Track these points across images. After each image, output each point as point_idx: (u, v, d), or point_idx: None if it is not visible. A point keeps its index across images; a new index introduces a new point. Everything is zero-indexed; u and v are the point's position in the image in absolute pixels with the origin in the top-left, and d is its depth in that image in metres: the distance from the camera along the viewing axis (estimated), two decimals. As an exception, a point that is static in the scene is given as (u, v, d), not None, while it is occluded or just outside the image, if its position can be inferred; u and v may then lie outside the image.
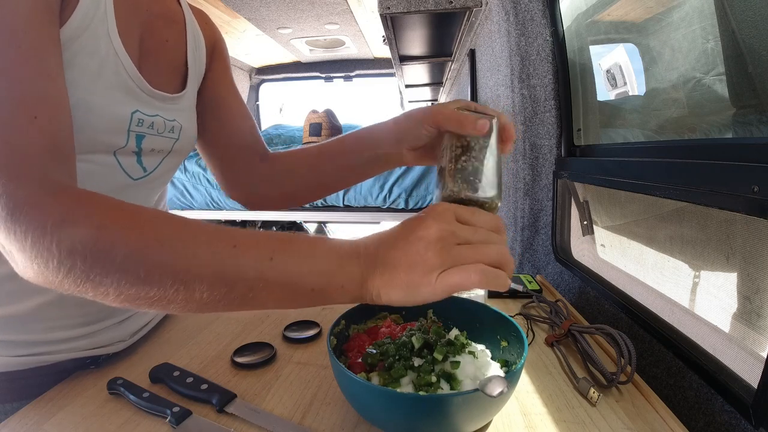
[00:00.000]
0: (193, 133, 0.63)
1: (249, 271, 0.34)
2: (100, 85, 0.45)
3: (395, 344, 0.47)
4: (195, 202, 2.79)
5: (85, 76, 0.44)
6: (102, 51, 0.45)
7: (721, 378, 0.48)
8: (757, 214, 0.42)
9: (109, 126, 0.47)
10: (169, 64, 0.58)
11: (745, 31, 0.57)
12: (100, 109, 0.45)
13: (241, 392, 0.50)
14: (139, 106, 0.50)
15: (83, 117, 0.43)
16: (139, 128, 0.51)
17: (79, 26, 0.43)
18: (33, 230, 0.32)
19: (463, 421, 0.40)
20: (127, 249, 0.32)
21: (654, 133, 0.83)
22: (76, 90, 0.42)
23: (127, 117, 0.49)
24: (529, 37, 1.05)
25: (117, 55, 0.47)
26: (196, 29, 0.63)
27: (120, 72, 0.47)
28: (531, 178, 1.10)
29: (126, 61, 0.48)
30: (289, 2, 2.36)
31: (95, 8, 0.44)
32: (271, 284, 0.35)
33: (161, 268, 0.33)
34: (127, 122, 0.49)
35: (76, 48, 0.43)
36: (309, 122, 3.31)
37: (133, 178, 0.53)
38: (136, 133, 0.51)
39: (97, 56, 0.45)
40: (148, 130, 0.52)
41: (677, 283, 0.69)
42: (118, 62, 0.47)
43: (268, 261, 0.35)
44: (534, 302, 0.76)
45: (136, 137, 0.51)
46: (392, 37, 1.67)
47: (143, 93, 0.51)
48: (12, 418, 0.46)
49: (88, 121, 0.44)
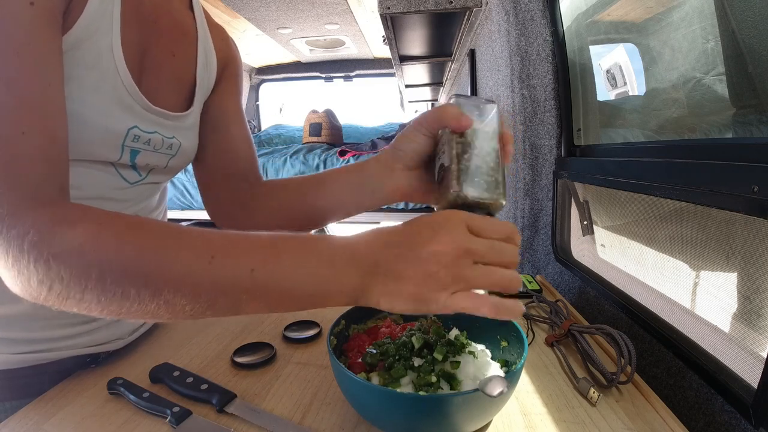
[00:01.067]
0: (193, 150, 0.61)
1: (228, 286, 0.33)
2: (97, 99, 0.44)
3: (395, 344, 0.47)
4: (195, 202, 2.79)
5: (82, 89, 0.43)
6: (102, 65, 0.44)
7: (721, 378, 0.48)
8: (757, 214, 0.42)
9: (102, 140, 0.46)
10: (174, 79, 0.56)
11: (745, 31, 0.57)
12: (94, 123, 0.44)
13: (241, 392, 0.50)
14: (137, 122, 0.49)
15: (77, 129, 0.42)
16: (134, 144, 0.50)
17: (82, 36, 0.42)
18: (12, 248, 0.32)
19: (463, 421, 0.40)
20: (101, 269, 0.32)
21: (654, 133, 0.83)
22: (71, 102, 0.41)
23: (122, 132, 0.48)
24: (529, 37, 1.05)
25: (117, 70, 0.45)
26: (208, 45, 0.61)
27: (118, 87, 0.46)
28: (531, 178, 1.10)
29: (126, 77, 0.46)
30: (289, 2, 2.36)
31: (100, 18, 0.43)
32: (257, 296, 0.34)
33: (137, 286, 0.32)
34: (121, 137, 0.48)
35: (77, 58, 0.42)
36: (309, 122, 3.31)
37: (129, 182, 0.53)
38: (130, 148, 0.49)
39: (97, 70, 0.44)
40: (143, 146, 0.51)
41: (677, 283, 0.69)
42: (117, 78, 0.46)
43: (249, 273, 0.33)
44: (534, 302, 0.76)
45: (131, 152, 0.50)
46: (392, 37, 1.67)
47: (142, 109, 0.49)
48: (12, 418, 0.46)
49: (82, 134, 0.43)
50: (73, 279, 0.31)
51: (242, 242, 0.35)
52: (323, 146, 2.98)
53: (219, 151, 0.64)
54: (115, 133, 0.47)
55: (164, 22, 0.53)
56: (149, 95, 0.50)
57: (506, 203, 0.40)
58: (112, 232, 0.33)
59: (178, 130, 0.56)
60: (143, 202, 0.58)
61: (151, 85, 0.51)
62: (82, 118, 0.43)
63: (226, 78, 0.65)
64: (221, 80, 0.65)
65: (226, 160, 0.64)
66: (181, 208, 2.83)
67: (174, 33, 0.55)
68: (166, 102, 0.53)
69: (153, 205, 0.61)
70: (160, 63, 0.53)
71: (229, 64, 0.66)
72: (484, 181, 0.39)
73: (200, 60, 0.59)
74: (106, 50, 0.44)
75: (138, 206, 0.57)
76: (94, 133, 0.45)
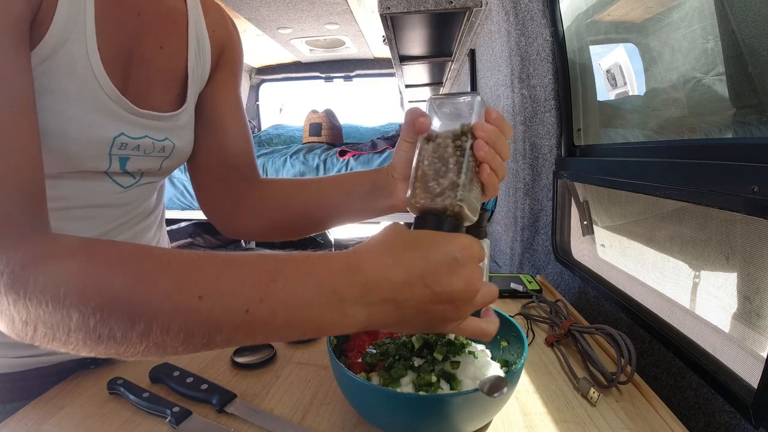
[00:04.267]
0: (188, 149, 0.57)
1: (222, 324, 0.29)
2: (78, 109, 0.41)
3: (395, 344, 0.47)
4: (194, 202, 2.79)
5: (61, 101, 0.40)
6: (79, 72, 0.41)
7: (721, 378, 0.48)
8: (757, 214, 0.42)
9: (88, 152, 0.44)
10: (163, 74, 0.51)
11: (745, 31, 0.57)
12: (77, 136, 0.41)
13: (241, 392, 0.50)
14: (124, 129, 0.46)
15: (60, 144, 0.40)
16: (121, 151, 0.47)
17: (54, 45, 0.38)
18: None
19: (463, 421, 0.40)
20: (80, 312, 0.28)
21: (654, 133, 0.83)
22: (52, 116, 0.38)
23: (107, 141, 0.45)
24: (529, 37, 1.05)
25: (96, 77, 0.42)
26: (201, 30, 0.55)
27: (99, 95, 0.43)
28: (531, 178, 1.10)
29: (105, 83, 0.43)
30: (289, 2, 2.36)
31: (72, 23, 0.40)
32: (255, 333, 0.30)
33: (122, 329, 0.29)
34: (107, 147, 0.45)
35: (52, 69, 0.39)
36: (309, 122, 3.31)
37: (123, 186, 0.51)
38: (119, 156, 0.47)
39: (74, 78, 0.41)
40: (133, 152, 0.48)
41: (677, 283, 0.69)
42: (96, 84, 0.42)
43: (243, 314, 0.29)
44: (534, 302, 0.76)
45: (120, 160, 0.47)
46: (392, 37, 1.67)
47: (128, 114, 0.46)
48: (12, 418, 0.46)
49: (66, 148, 0.41)
50: (55, 321, 0.28)
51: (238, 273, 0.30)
52: (323, 146, 2.98)
53: (213, 149, 0.59)
54: (100, 143, 0.44)
55: (150, 11, 0.49)
56: (137, 96, 0.47)
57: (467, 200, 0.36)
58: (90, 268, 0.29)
59: (171, 130, 0.52)
60: (140, 206, 0.56)
61: (139, 84, 0.48)
62: (64, 132, 0.40)
63: (222, 65, 0.59)
64: (217, 68, 0.59)
65: (221, 157, 0.59)
66: (181, 208, 2.83)
67: (162, 22, 0.50)
68: (156, 101, 0.50)
69: (150, 207, 0.60)
70: (147, 58, 0.49)
71: (226, 49, 0.60)
72: (437, 185, 0.36)
73: (191, 49, 0.54)
74: (81, 57, 0.41)
75: (136, 211, 0.55)
76: (79, 145, 0.42)
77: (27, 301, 0.28)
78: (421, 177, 0.38)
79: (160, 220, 0.65)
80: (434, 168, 0.37)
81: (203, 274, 0.30)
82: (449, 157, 0.37)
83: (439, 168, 0.37)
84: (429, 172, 0.37)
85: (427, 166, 0.38)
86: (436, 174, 0.37)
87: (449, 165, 0.37)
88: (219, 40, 0.59)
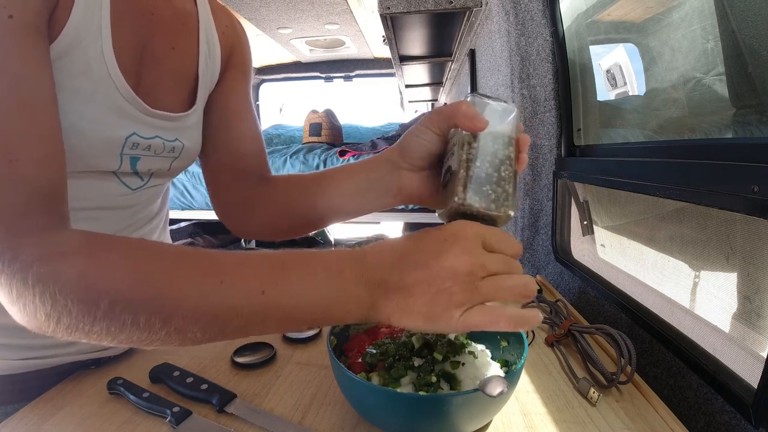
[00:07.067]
0: (196, 150, 0.58)
1: (241, 308, 0.32)
2: (92, 108, 0.42)
3: (395, 344, 0.47)
4: (195, 202, 2.79)
5: (75, 99, 0.40)
6: (94, 72, 0.41)
7: (721, 378, 0.48)
8: (757, 214, 0.42)
9: (100, 151, 0.44)
10: (174, 75, 0.52)
11: (745, 31, 0.57)
12: (90, 135, 0.42)
13: (241, 392, 0.50)
14: (136, 129, 0.47)
15: (73, 142, 0.40)
16: (133, 151, 0.47)
17: (70, 44, 0.39)
18: (15, 281, 0.30)
19: (463, 421, 0.40)
20: (109, 298, 0.30)
21: (654, 133, 0.83)
22: (64, 114, 0.39)
23: (120, 141, 0.45)
24: (529, 37, 1.05)
25: (110, 76, 0.43)
26: (211, 33, 0.56)
27: (113, 94, 0.43)
28: (531, 178, 1.10)
29: (120, 83, 0.44)
30: (289, 2, 2.36)
31: (88, 23, 0.40)
32: (268, 317, 0.33)
33: (147, 315, 0.31)
34: (119, 146, 0.46)
35: (66, 67, 0.39)
36: (309, 122, 3.31)
37: (131, 188, 0.51)
38: (130, 155, 0.47)
39: (89, 77, 0.41)
40: (143, 152, 0.49)
41: (677, 283, 0.69)
42: (111, 84, 0.43)
43: (260, 295, 0.32)
44: (534, 302, 0.76)
45: (131, 159, 0.48)
46: (392, 37, 1.67)
47: (141, 114, 0.47)
48: (12, 418, 0.46)
49: (79, 146, 0.41)
50: (82, 310, 0.30)
51: (252, 262, 0.34)
52: (323, 146, 2.98)
53: (224, 150, 0.60)
54: (112, 142, 0.45)
55: (163, 12, 0.49)
56: (149, 96, 0.48)
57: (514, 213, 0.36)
58: (118, 259, 0.32)
59: (181, 131, 0.53)
60: (147, 208, 0.57)
61: (150, 84, 0.48)
62: (77, 129, 0.41)
63: (232, 67, 0.60)
64: (226, 70, 0.60)
65: (233, 158, 0.60)
66: (181, 208, 2.83)
67: (174, 23, 0.51)
68: (167, 101, 0.51)
69: (155, 210, 0.60)
70: (159, 59, 0.49)
71: (234, 51, 0.61)
72: (492, 191, 0.36)
73: (202, 51, 0.54)
74: (97, 56, 0.41)
75: (142, 213, 0.56)
76: (91, 144, 0.43)
77: (56, 291, 0.30)
78: (474, 179, 0.36)
79: (164, 222, 0.65)
80: (486, 171, 0.36)
81: (224, 263, 0.33)
82: (500, 164, 0.36)
83: (491, 174, 0.36)
84: (482, 174, 0.36)
85: (478, 167, 0.36)
86: (488, 178, 0.36)
87: (501, 173, 0.36)
88: (228, 42, 0.60)
